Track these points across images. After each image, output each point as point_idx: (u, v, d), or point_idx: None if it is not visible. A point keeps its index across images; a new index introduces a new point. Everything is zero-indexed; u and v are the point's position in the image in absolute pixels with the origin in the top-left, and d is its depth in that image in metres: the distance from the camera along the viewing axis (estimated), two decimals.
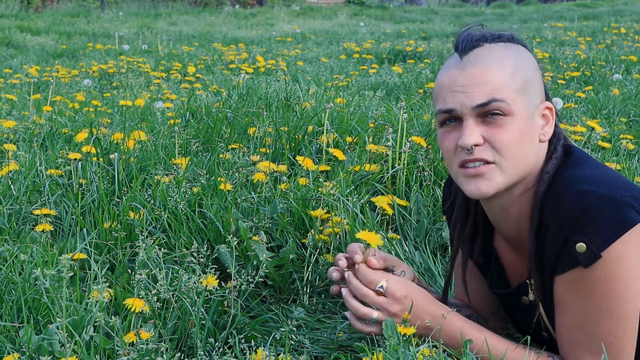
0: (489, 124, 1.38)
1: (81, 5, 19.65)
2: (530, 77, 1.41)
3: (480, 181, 1.39)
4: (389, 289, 1.45)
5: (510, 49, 1.42)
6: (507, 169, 1.39)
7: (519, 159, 1.39)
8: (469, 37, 1.42)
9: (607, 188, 1.32)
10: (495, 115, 1.37)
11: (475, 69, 1.38)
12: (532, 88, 1.41)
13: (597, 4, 21.86)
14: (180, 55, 8.84)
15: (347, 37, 11.71)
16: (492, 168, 1.39)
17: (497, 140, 1.37)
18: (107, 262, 2.06)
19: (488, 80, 1.37)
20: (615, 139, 3.34)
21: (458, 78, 1.39)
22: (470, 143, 1.37)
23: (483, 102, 1.36)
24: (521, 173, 1.41)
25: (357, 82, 5.88)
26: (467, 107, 1.38)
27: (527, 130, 1.39)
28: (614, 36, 9.93)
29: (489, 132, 1.38)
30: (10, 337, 1.62)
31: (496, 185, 1.39)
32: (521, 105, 1.38)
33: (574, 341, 1.40)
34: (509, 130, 1.37)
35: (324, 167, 2.68)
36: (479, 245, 1.61)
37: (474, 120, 1.38)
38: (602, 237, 1.30)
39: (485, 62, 1.38)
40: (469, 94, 1.37)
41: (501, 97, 1.36)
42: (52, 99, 4.55)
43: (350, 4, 23.02)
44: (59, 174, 2.62)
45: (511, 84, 1.37)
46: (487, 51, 1.40)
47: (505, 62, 1.39)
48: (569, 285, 1.37)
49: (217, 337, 1.74)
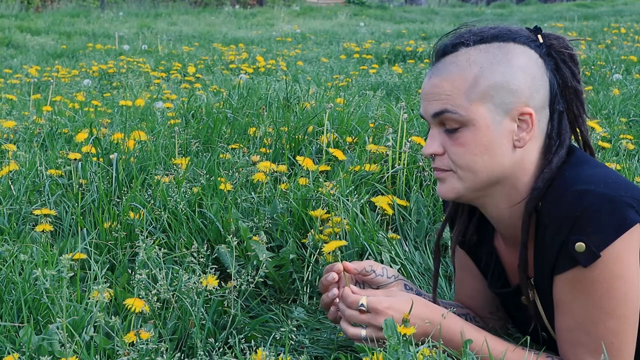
0: (449, 135, 1.41)
1: (81, 5, 19.64)
2: (501, 80, 1.37)
3: (441, 185, 1.45)
4: (370, 305, 1.45)
5: (487, 51, 1.39)
6: (464, 177, 1.42)
7: (476, 168, 1.40)
8: (442, 44, 1.43)
9: (606, 188, 1.32)
10: (453, 128, 1.39)
11: (437, 78, 1.41)
12: (501, 92, 1.37)
13: (597, 4, 21.85)
14: (180, 55, 8.83)
15: (347, 37, 11.71)
16: (450, 174, 1.43)
17: (451, 154, 1.41)
18: (107, 262, 2.06)
19: (443, 90, 1.39)
20: (615, 139, 3.34)
21: (426, 86, 1.44)
22: (427, 152, 1.43)
23: (436, 111, 1.40)
24: (484, 181, 1.41)
25: (357, 82, 5.88)
26: (428, 114, 1.42)
27: (487, 139, 1.38)
28: (614, 36, 9.93)
29: (448, 143, 1.41)
30: (10, 337, 1.62)
31: (455, 190, 1.44)
32: (481, 114, 1.37)
33: (573, 341, 1.40)
34: (462, 143, 1.39)
35: (324, 167, 2.68)
36: (474, 224, 1.61)
37: (438, 130, 1.42)
38: (602, 237, 1.30)
39: (447, 70, 1.40)
40: (430, 102, 1.42)
41: (453, 108, 1.38)
42: (52, 99, 4.54)
43: (350, 4, 23.01)
44: (59, 174, 2.62)
45: (468, 92, 1.37)
46: (455, 58, 1.40)
47: (469, 69, 1.38)
48: (569, 285, 1.37)
49: (217, 337, 1.74)
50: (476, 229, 1.61)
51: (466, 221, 1.61)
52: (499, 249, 1.59)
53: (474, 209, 1.58)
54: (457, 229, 1.61)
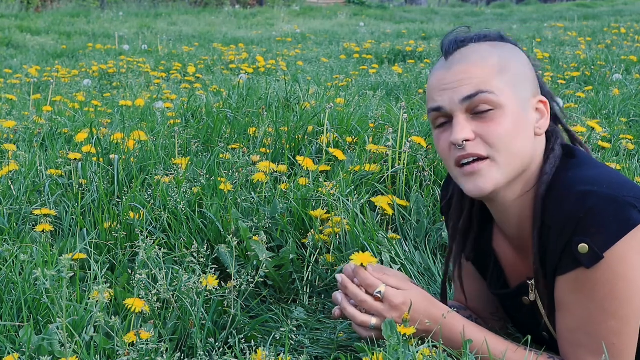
0: (479, 119, 1.37)
1: (81, 5, 19.64)
2: (518, 71, 1.41)
3: (477, 178, 1.38)
4: (387, 296, 1.45)
5: (496, 46, 1.43)
6: (502, 162, 1.38)
7: (514, 151, 1.38)
8: (454, 39, 1.43)
9: (609, 188, 1.32)
10: (484, 111, 1.37)
11: (461, 66, 1.39)
12: (521, 82, 1.41)
13: (597, 4, 21.85)
14: (180, 55, 8.84)
15: (347, 37, 11.71)
16: (488, 164, 1.38)
17: (489, 134, 1.37)
18: (107, 262, 2.06)
19: (474, 74, 1.38)
20: (615, 139, 3.34)
21: (445, 77, 1.40)
22: (460, 138, 1.37)
23: (470, 93, 1.37)
24: (519, 167, 1.40)
25: (357, 82, 5.88)
26: (455, 102, 1.38)
27: (520, 122, 1.39)
28: (614, 36, 9.93)
29: (480, 126, 1.37)
30: (10, 337, 1.62)
31: (494, 181, 1.38)
32: (511, 98, 1.38)
33: (575, 342, 1.40)
34: (501, 123, 1.37)
35: (324, 167, 2.68)
36: (471, 242, 1.60)
37: (464, 116, 1.38)
38: (605, 238, 1.30)
39: (470, 58, 1.40)
40: (456, 89, 1.38)
41: (488, 89, 1.36)
42: (52, 99, 4.54)
43: (350, 4, 23.01)
44: (59, 174, 2.62)
45: (498, 77, 1.38)
46: (472, 49, 1.41)
47: (490, 57, 1.40)
48: (571, 286, 1.37)
49: (217, 337, 1.74)
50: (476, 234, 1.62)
51: (464, 233, 1.61)
52: (497, 250, 1.59)
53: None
54: (457, 246, 1.62)
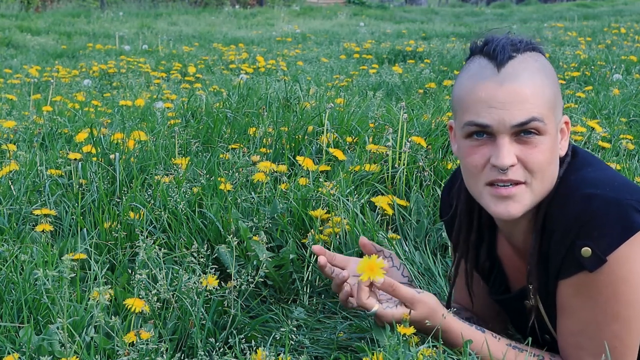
0: (523, 143, 1.34)
1: (81, 5, 19.65)
2: (556, 91, 1.38)
3: (510, 203, 1.36)
4: (379, 316, 1.43)
5: (537, 60, 1.38)
6: (536, 188, 1.37)
7: (547, 176, 1.37)
8: (505, 47, 1.36)
9: (612, 191, 1.31)
10: (530, 134, 1.33)
11: (514, 85, 1.32)
12: (558, 105, 1.38)
13: (597, 4, 21.84)
14: (180, 55, 8.84)
15: (347, 37, 11.71)
16: (523, 189, 1.36)
17: (531, 160, 1.34)
18: (107, 262, 2.06)
19: (526, 98, 1.32)
20: (615, 139, 3.34)
21: (497, 94, 1.33)
22: (507, 164, 1.33)
23: (523, 120, 1.32)
24: (547, 191, 1.39)
25: (357, 82, 5.88)
26: (505, 125, 1.33)
27: (555, 147, 1.37)
28: (614, 36, 9.93)
29: (523, 151, 1.34)
30: (10, 337, 1.62)
31: (524, 207, 1.37)
32: (552, 123, 1.36)
33: (576, 345, 1.39)
34: (543, 150, 1.34)
35: (324, 167, 2.68)
36: (484, 251, 1.59)
37: (509, 139, 1.34)
38: (608, 241, 1.30)
39: (522, 77, 1.33)
40: (509, 111, 1.32)
41: (540, 117, 1.33)
42: (52, 99, 4.54)
43: (350, 4, 23.01)
44: (59, 174, 2.62)
45: (547, 104, 1.34)
46: (522, 65, 1.35)
47: (538, 76, 1.35)
48: (574, 289, 1.36)
49: (217, 337, 1.74)
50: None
51: (476, 246, 1.59)
52: (501, 257, 1.59)
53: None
54: (470, 259, 1.60)
